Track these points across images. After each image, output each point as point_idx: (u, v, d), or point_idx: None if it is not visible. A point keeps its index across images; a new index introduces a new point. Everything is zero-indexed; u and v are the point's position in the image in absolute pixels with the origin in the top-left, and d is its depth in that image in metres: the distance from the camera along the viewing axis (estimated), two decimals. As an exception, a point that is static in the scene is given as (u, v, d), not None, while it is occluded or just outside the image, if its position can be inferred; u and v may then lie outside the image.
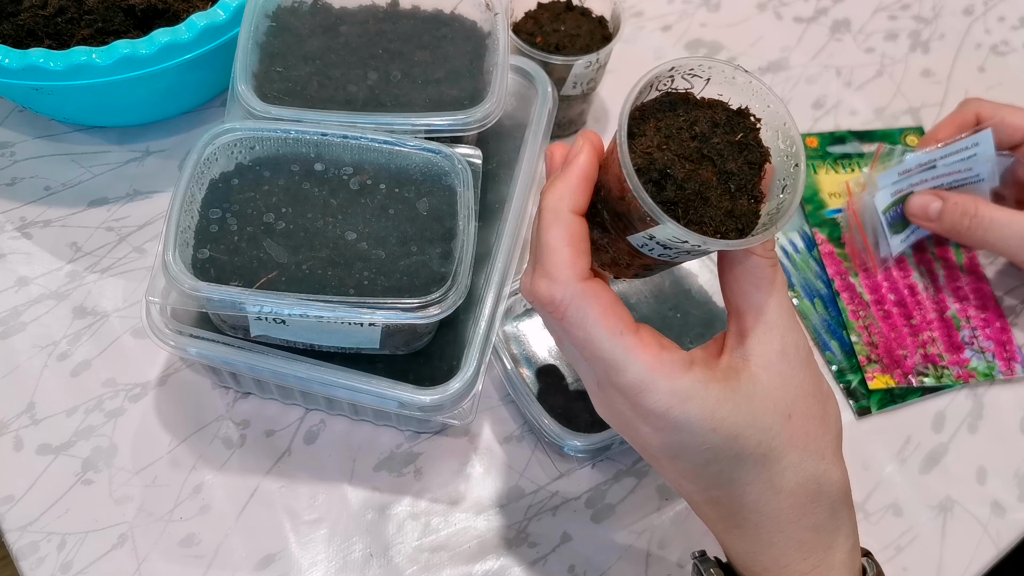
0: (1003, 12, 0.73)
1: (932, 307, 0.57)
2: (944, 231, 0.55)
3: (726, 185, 0.35)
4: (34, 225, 0.58)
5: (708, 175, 0.35)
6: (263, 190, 0.47)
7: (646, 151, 0.35)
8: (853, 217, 0.59)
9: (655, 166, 0.34)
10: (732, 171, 0.35)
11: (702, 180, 0.35)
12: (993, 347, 0.56)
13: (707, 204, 0.34)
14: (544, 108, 0.55)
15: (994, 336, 0.57)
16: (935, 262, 0.59)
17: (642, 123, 0.36)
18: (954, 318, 0.57)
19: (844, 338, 0.56)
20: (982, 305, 0.58)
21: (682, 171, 0.34)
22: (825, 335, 0.56)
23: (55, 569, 0.46)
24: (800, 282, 0.58)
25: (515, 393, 0.49)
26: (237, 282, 0.44)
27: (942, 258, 0.59)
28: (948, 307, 0.57)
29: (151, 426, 0.51)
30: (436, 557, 0.48)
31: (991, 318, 0.57)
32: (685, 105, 0.36)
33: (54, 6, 0.57)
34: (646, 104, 0.36)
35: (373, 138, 0.47)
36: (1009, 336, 0.57)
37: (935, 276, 0.59)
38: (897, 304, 0.57)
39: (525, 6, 0.61)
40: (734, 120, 0.36)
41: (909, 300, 0.57)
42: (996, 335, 0.57)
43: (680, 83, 0.37)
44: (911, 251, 0.59)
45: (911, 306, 0.57)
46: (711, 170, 0.35)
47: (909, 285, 0.58)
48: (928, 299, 0.58)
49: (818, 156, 0.64)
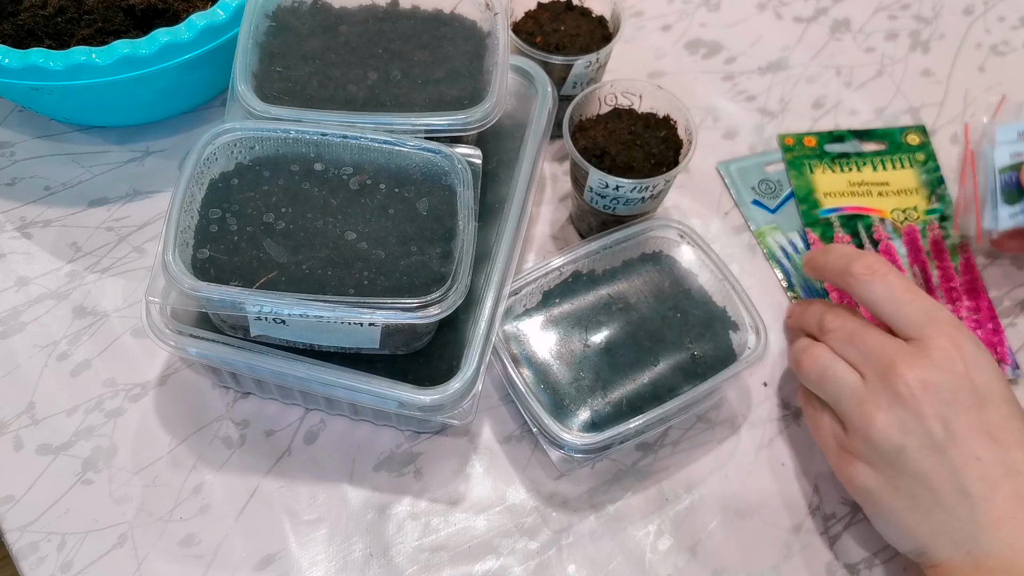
0: (1003, 12, 0.73)
1: None
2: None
3: (649, 160, 0.53)
4: (34, 225, 0.58)
5: (636, 153, 0.53)
6: (263, 190, 0.47)
7: (592, 137, 0.54)
8: (970, 162, 0.53)
9: (598, 145, 0.53)
10: (655, 152, 0.54)
11: (631, 155, 0.53)
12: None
13: (633, 170, 0.53)
14: (544, 108, 0.55)
15: (985, 338, 0.55)
16: (929, 262, 0.58)
17: (596, 124, 0.55)
18: None
19: None
20: (975, 306, 0.56)
21: (615, 148, 0.53)
22: None
23: (55, 569, 0.46)
24: (799, 282, 0.58)
25: (515, 393, 0.49)
26: (237, 282, 0.44)
27: (936, 257, 0.59)
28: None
29: (151, 426, 0.51)
30: (436, 557, 0.48)
31: (983, 319, 0.56)
32: (628, 114, 0.56)
33: (54, 6, 0.57)
34: (600, 115, 0.56)
35: (373, 138, 0.47)
36: (1001, 338, 0.55)
37: (928, 276, 0.57)
38: None
39: (525, 6, 0.61)
40: (660, 123, 0.55)
41: None
42: (987, 336, 0.55)
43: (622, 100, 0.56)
44: (905, 251, 0.58)
45: None
46: (639, 152, 0.53)
47: None
48: None
49: (815, 155, 0.63)
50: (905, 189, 0.61)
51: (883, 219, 0.60)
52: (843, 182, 0.62)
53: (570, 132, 0.53)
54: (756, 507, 0.50)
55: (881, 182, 0.62)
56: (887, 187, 0.61)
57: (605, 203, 0.54)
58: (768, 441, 0.52)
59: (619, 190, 0.52)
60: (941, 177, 0.62)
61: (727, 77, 0.68)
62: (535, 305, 0.53)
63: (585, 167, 0.52)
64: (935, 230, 0.60)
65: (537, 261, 0.56)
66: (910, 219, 0.60)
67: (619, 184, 0.51)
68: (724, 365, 0.49)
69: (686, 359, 0.50)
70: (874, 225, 0.60)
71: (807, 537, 0.49)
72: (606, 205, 0.54)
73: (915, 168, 0.62)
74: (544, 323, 0.52)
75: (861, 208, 0.61)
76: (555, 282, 0.53)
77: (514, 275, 0.50)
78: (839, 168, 0.62)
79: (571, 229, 0.60)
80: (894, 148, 0.63)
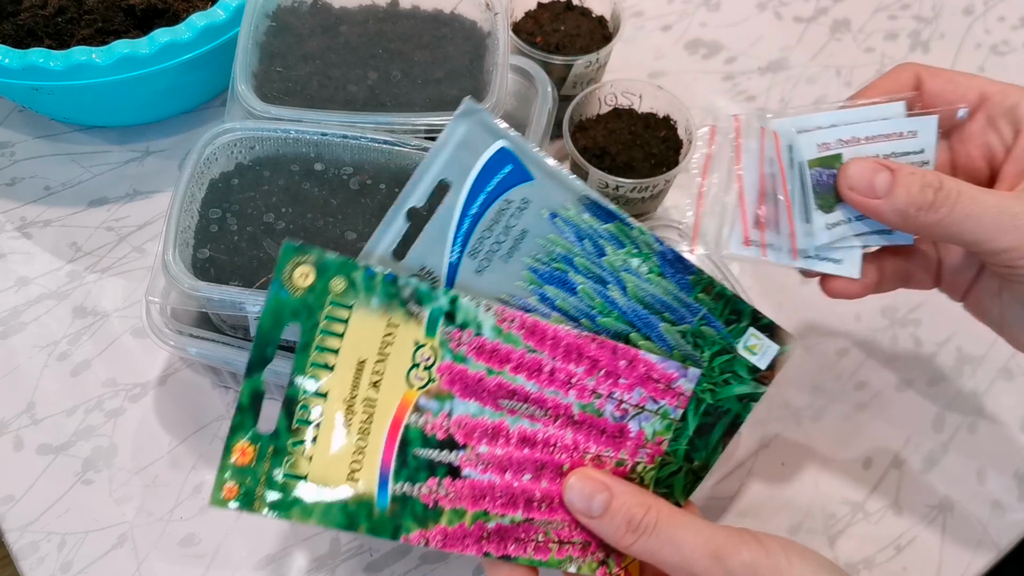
0: (1003, 12, 0.73)
1: (559, 428, 0.37)
2: (894, 212, 0.37)
3: (649, 160, 0.54)
4: (34, 225, 0.58)
5: (636, 153, 0.54)
6: (263, 190, 0.47)
7: (592, 137, 0.55)
8: (777, 159, 0.39)
9: (598, 145, 0.54)
10: (655, 152, 0.54)
11: (631, 155, 0.54)
12: (644, 392, 0.38)
13: (633, 170, 0.53)
14: (544, 108, 0.55)
15: (632, 381, 0.38)
16: (503, 377, 0.37)
17: (596, 124, 0.56)
18: (585, 409, 0.38)
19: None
20: (591, 365, 0.38)
21: (615, 148, 0.54)
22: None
23: (55, 569, 0.46)
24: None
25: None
26: (237, 282, 0.44)
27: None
28: (568, 404, 0.37)
29: (151, 426, 0.51)
30: (436, 555, 0.48)
31: (610, 366, 0.38)
32: (628, 114, 0.57)
33: (54, 6, 0.57)
34: (600, 115, 0.57)
35: (373, 138, 0.47)
36: (646, 365, 0.38)
37: (523, 393, 0.37)
38: (538, 476, 0.37)
39: (525, 6, 0.61)
40: (660, 123, 0.56)
41: (540, 455, 0.37)
42: (632, 378, 0.38)
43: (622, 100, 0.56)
44: (479, 406, 0.37)
45: (547, 458, 0.37)
46: (639, 152, 0.54)
47: (519, 440, 0.37)
48: (547, 426, 0.37)
49: (275, 461, 0.35)
50: (383, 339, 0.36)
51: (416, 405, 0.36)
52: (338, 438, 0.36)
53: (570, 132, 0.53)
54: (756, 507, 0.50)
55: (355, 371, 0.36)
56: (368, 365, 0.36)
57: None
58: (768, 441, 0.52)
59: (619, 190, 0.52)
60: (388, 274, 0.36)
61: (727, 77, 0.68)
62: (535, 305, 0.52)
63: (585, 167, 0.52)
64: (462, 338, 0.37)
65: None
66: (430, 364, 0.37)
67: (619, 184, 0.51)
68: None
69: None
70: (423, 429, 0.37)
71: (807, 537, 0.49)
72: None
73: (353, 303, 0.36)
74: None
75: (390, 432, 0.37)
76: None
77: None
78: (309, 432, 0.37)
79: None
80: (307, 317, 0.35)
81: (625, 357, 0.38)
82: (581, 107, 0.55)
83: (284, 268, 0.34)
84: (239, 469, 0.34)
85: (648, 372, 0.38)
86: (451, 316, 0.36)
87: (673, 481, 0.39)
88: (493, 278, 0.38)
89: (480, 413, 0.37)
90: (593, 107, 0.56)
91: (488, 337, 0.37)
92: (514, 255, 0.38)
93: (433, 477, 0.36)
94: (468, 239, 0.37)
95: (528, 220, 0.38)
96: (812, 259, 0.40)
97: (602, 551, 0.38)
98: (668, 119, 0.56)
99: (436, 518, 0.36)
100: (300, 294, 0.35)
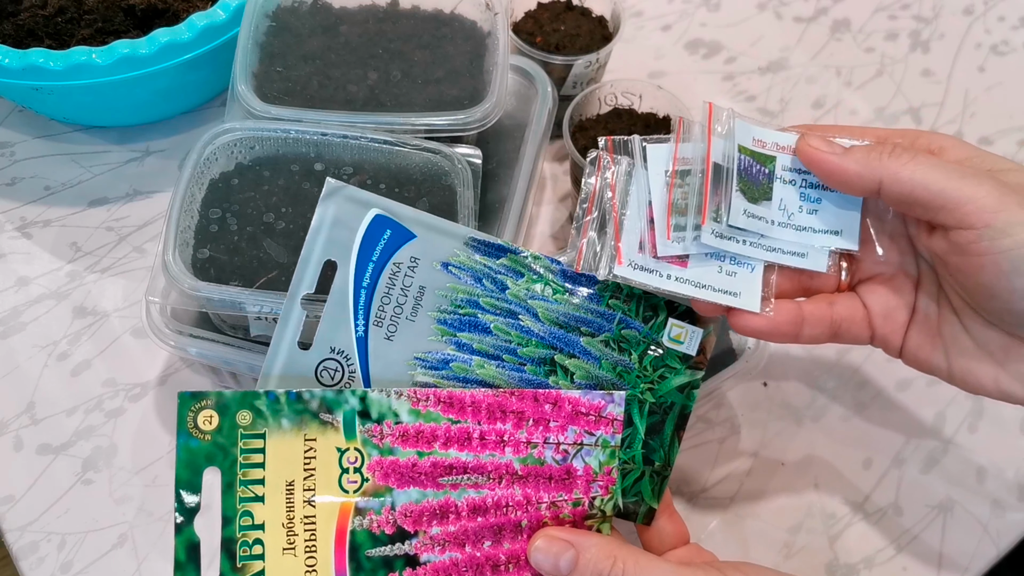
0: (1003, 12, 0.73)
1: (506, 486, 0.37)
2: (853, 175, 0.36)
3: None
4: (34, 225, 0.58)
5: None
6: (263, 190, 0.47)
7: (592, 137, 0.55)
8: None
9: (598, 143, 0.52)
10: None
11: None
12: (577, 429, 0.38)
13: None
14: (544, 108, 0.55)
15: (562, 422, 0.38)
16: (436, 454, 0.37)
17: (596, 124, 0.56)
18: (526, 461, 0.37)
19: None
20: (517, 419, 0.37)
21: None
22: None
23: (55, 569, 0.46)
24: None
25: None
26: (237, 282, 0.44)
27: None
28: (508, 463, 0.37)
29: (151, 426, 0.51)
30: None
31: (536, 414, 0.38)
32: (628, 114, 0.57)
33: (54, 6, 0.57)
34: (600, 115, 0.57)
35: (373, 138, 0.47)
36: (571, 402, 0.38)
37: (461, 461, 0.37)
38: (497, 541, 0.37)
39: (525, 6, 0.61)
40: (660, 123, 0.56)
41: (495, 520, 0.37)
42: (561, 419, 0.38)
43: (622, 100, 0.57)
44: (420, 493, 0.36)
45: (504, 520, 0.37)
46: None
47: (471, 508, 0.37)
48: (494, 488, 0.37)
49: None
50: (304, 457, 0.36)
51: (356, 508, 0.36)
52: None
53: (570, 132, 0.53)
54: (756, 507, 0.50)
55: (284, 498, 0.36)
56: (297, 486, 0.36)
57: None
58: (768, 441, 0.52)
59: None
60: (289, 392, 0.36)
61: (727, 77, 0.68)
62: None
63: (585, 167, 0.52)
64: (384, 430, 0.37)
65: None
66: (359, 465, 0.37)
67: None
68: (724, 365, 0.49)
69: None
70: (370, 528, 0.37)
71: (807, 537, 0.49)
72: None
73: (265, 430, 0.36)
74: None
75: (336, 546, 0.37)
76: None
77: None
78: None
79: (571, 229, 0.60)
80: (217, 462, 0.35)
81: (548, 400, 0.38)
82: (581, 107, 0.55)
83: (186, 418, 0.35)
84: None
85: (575, 408, 0.38)
86: (365, 414, 0.36)
87: (640, 487, 0.39)
88: (405, 340, 0.38)
89: (423, 497, 0.36)
90: (593, 107, 0.56)
91: (409, 422, 0.36)
92: (419, 312, 0.38)
93: (392, 572, 0.36)
94: (369, 310, 0.38)
95: (423, 276, 0.38)
96: (703, 288, 0.38)
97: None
98: (668, 119, 0.56)
99: None
100: (209, 439, 0.35)
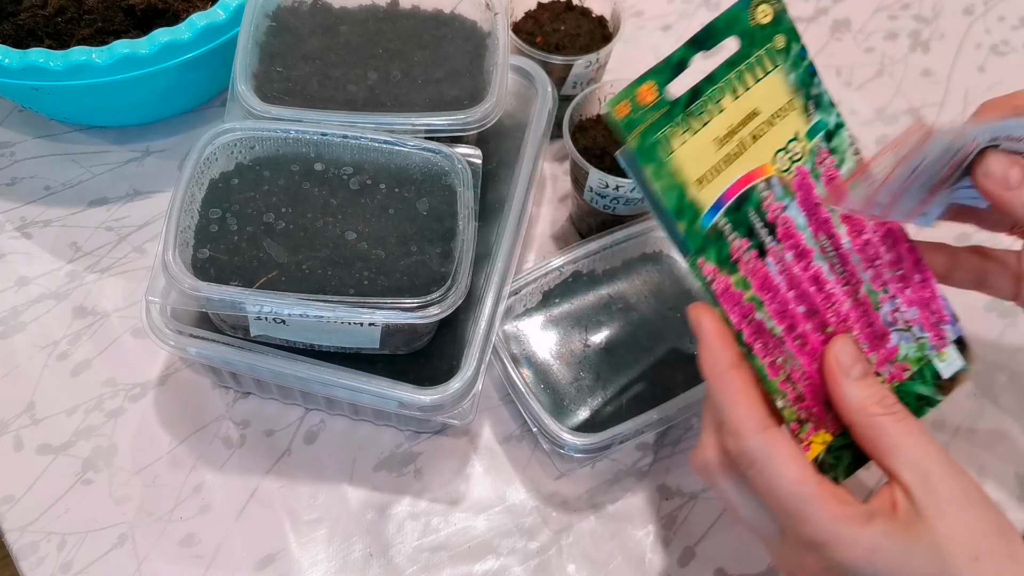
0: (1003, 12, 0.73)
1: (844, 294, 0.41)
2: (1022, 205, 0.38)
3: None
4: (34, 225, 0.58)
5: None
6: (263, 190, 0.47)
7: (592, 137, 0.55)
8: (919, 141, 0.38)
9: (598, 145, 0.54)
10: None
11: None
12: (918, 314, 0.42)
13: None
14: (544, 108, 0.55)
15: (916, 297, 0.42)
16: (833, 217, 0.41)
17: (596, 124, 0.56)
18: (870, 294, 0.41)
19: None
20: (896, 259, 0.42)
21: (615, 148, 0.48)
22: None
23: (55, 569, 0.46)
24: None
25: (515, 393, 0.49)
26: (237, 282, 0.44)
27: (838, 202, 0.41)
28: (860, 280, 0.41)
29: (151, 426, 0.51)
30: (436, 557, 0.48)
31: (908, 273, 0.42)
32: None
33: (54, 6, 0.57)
34: (600, 115, 0.57)
35: (373, 138, 0.47)
36: (932, 291, 0.42)
37: (837, 241, 0.41)
38: (808, 315, 0.40)
39: (525, 6, 0.61)
40: None
41: (819, 301, 0.40)
42: (917, 294, 0.42)
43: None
44: (804, 218, 0.40)
45: (823, 308, 0.40)
46: None
47: (813, 276, 0.40)
48: (837, 283, 0.40)
49: (665, 118, 0.38)
50: (778, 110, 0.40)
51: (768, 180, 0.39)
52: (710, 146, 0.38)
53: (570, 132, 0.53)
54: (756, 507, 0.50)
55: (749, 113, 0.39)
56: (758, 119, 0.39)
57: (605, 203, 0.54)
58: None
59: (619, 190, 0.52)
60: (811, 64, 0.41)
61: (727, 77, 0.68)
62: (535, 305, 0.53)
63: (585, 167, 0.52)
64: (826, 160, 0.41)
65: (537, 261, 0.56)
66: (795, 159, 0.40)
67: (619, 184, 0.51)
68: None
69: (686, 359, 0.50)
70: (763, 199, 0.39)
71: (807, 537, 0.49)
72: (606, 205, 0.54)
73: (779, 64, 0.40)
74: (544, 323, 0.52)
75: (743, 179, 0.39)
76: (555, 282, 0.53)
77: (514, 275, 0.50)
78: (698, 122, 0.38)
79: (571, 229, 0.60)
80: (748, 42, 0.39)
81: (921, 272, 0.42)
82: (581, 107, 0.55)
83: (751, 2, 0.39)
84: (637, 104, 0.37)
85: (930, 299, 0.42)
86: (829, 136, 0.40)
87: (841, 455, 0.40)
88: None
89: (803, 228, 0.40)
90: (593, 107, 0.56)
91: (843, 173, 0.40)
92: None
93: (747, 239, 0.39)
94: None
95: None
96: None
97: (806, 412, 0.39)
98: None
99: (730, 271, 0.38)
100: (754, 24, 0.39)
